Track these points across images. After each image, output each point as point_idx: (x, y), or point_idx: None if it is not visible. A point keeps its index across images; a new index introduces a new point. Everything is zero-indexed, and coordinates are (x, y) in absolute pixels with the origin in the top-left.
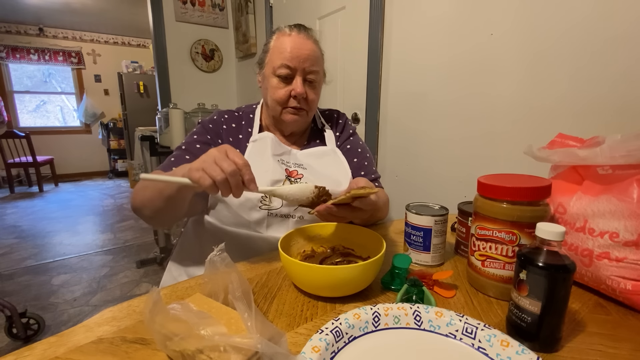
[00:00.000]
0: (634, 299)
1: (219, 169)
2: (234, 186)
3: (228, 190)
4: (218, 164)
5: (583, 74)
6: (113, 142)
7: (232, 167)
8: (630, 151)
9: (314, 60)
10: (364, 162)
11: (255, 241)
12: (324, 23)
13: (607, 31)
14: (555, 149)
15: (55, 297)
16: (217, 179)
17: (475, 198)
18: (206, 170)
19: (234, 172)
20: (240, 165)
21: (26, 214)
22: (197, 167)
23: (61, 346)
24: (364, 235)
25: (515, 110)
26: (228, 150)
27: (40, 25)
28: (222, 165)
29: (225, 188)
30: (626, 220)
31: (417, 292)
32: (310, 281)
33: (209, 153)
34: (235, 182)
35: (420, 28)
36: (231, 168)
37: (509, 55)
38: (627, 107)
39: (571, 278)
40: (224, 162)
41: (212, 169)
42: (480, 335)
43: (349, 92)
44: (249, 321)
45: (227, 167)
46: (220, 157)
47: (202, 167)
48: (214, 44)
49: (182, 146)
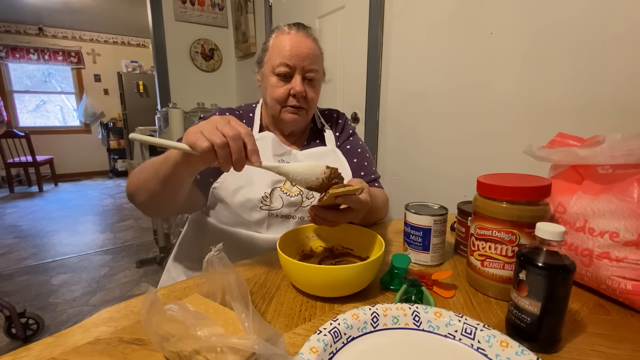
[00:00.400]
0: (634, 299)
1: (219, 132)
2: (235, 152)
3: (228, 160)
4: (219, 128)
5: (583, 73)
6: (113, 141)
7: (235, 131)
8: (630, 150)
9: (313, 59)
10: (364, 162)
11: (256, 241)
12: (324, 22)
13: (608, 30)
14: (555, 148)
15: (54, 297)
16: (216, 141)
17: (475, 198)
18: (204, 132)
19: (236, 136)
20: (244, 134)
21: (26, 214)
22: (195, 130)
23: (58, 347)
24: (363, 235)
25: (515, 110)
26: (231, 119)
27: (39, 25)
28: (224, 130)
29: (225, 155)
30: (626, 220)
31: (416, 292)
32: (308, 281)
33: (211, 119)
34: (237, 147)
35: (419, 27)
36: (233, 132)
37: (509, 55)
38: (628, 107)
39: (571, 278)
40: (225, 127)
41: (212, 132)
42: (480, 336)
43: (348, 91)
44: (246, 322)
45: (229, 131)
46: (223, 123)
47: (200, 130)
48: (214, 44)
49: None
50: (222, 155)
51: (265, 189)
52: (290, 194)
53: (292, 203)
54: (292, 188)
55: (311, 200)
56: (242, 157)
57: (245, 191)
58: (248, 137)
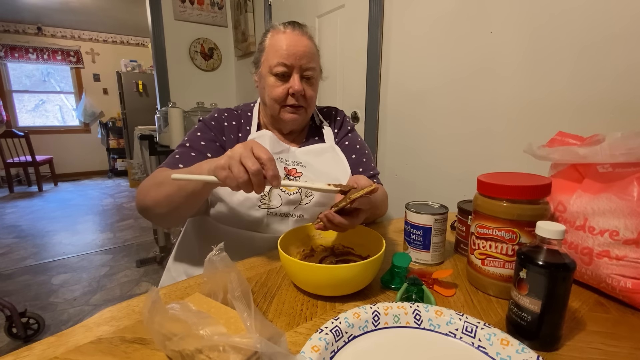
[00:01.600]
0: (634, 297)
1: (243, 168)
2: (256, 185)
3: (250, 189)
4: (243, 162)
5: (583, 71)
6: (112, 141)
7: (256, 165)
8: (630, 149)
9: (310, 57)
10: (363, 158)
11: (255, 240)
12: (323, 21)
13: (608, 28)
14: (555, 147)
15: (55, 297)
16: (239, 180)
17: (475, 196)
18: (232, 169)
19: (257, 171)
20: (265, 160)
21: (25, 214)
22: (223, 165)
23: (60, 346)
24: (364, 234)
25: (515, 109)
26: (254, 146)
27: (38, 24)
28: (247, 164)
29: (248, 188)
30: (626, 219)
31: (416, 291)
32: (309, 280)
33: (235, 149)
34: (258, 181)
35: (419, 26)
36: (255, 167)
37: (509, 53)
38: (628, 105)
39: (571, 277)
40: (248, 161)
41: (237, 168)
42: (480, 334)
43: (348, 90)
44: (248, 321)
45: (252, 165)
46: (246, 155)
47: (228, 165)
48: (213, 43)
49: (186, 143)
50: (245, 188)
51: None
52: (289, 192)
53: (290, 201)
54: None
55: (310, 197)
56: (262, 185)
57: None
58: (269, 163)
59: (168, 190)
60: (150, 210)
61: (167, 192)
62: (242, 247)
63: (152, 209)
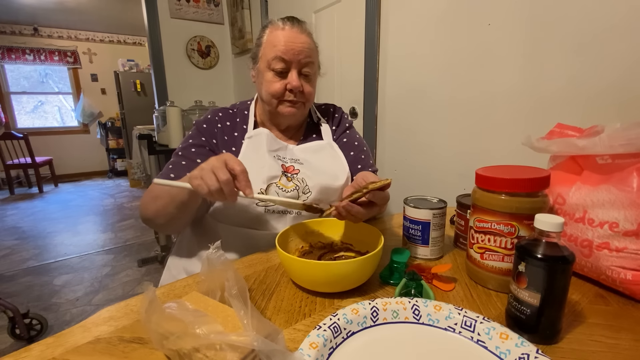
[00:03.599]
0: (634, 289)
1: (214, 178)
2: (228, 194)
3: (222, 197)
4: (215, 172)
5: (582, 63)
6: (112, 141)
7: (227, 176)
8: (629, 140)
9: (309, 53)
10: (361, 155)
11: (254, 238)
12: (320, 17)
13: (605, 19)
14: (554, 139)
15: (57, 297)
16: (211, 188)
17: (474, 190)
18: (204, 178)
19: (228, 181)
20: (237, 172)
21: (26, 215)
22: (196, 175)
23: (59, 347)
24: (362, 230)
25: (513, 101)
26: (227, 160)
27: (34, 25)
28: (218, 174)
29: (220, 195)
30: (626, 210)
31: (415, 285)
32: (308, 277)
33: (209, 162)
34: (229, 190)
35: (417, 20)
36: (225, 177)
37: (507, 46)
38: (627, 95)
39: (570, 269)
40: (219, 171)
41: (209, 177)
42: (480, 328)
43: (346, 86)
44: (245, 319)
45: (222, 175)
46: (218, 166)
47: (200, 175)
48: (210, 41)
49: (179, 152)
50: (217, 196)
51: (261, 185)
52: (286, 190)
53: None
54: (287, 183)
55: (307, 195)
56: (234, 194)
57: None
58: (241, 175)
59: (163, 203)
60: (152, 221)
61: (162, 204)
62: (240, 245)
63: (153, 220)
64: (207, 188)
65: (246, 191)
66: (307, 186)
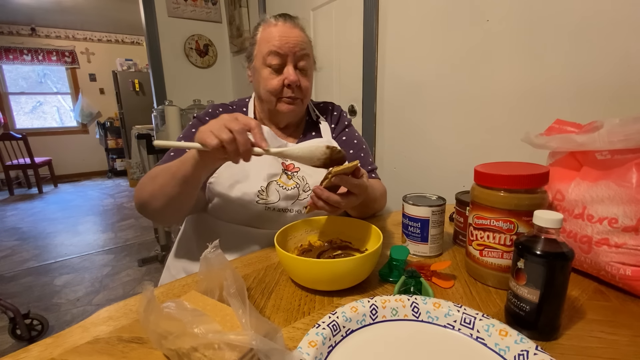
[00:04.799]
0: (633, 284)
1: (226, 129)
2: (242, 145)
3: (237, 153)
4: (227, 125)
5: (581, 59)
6: (111, 141)
7: (240, 126)
8: (628, 135)
9: (303, 46)
10: (360, 153)
11: (253, 236)
12: (318, 14)
13: (603, 14)
14: (553, 135)
15: (58, 298)
16: (224, 138)
17: (473, 187)
18: (214, 131)
19: (242, 130)
20: (252, 125)
21: (26, 216)
22: (205, 128)
23: (57, 347)
24: (361, 228)
25: (512, 98)
26: (238, 115)
27: (32, 25)
28: (230, 125)
29: (234, 149)
30: (625, 206)
31: (415, 283)
32: (307, 275)
33: (220, 117)
34: (243, 140)
35: (415, 16)
36: (238, 126)
37: (506, 42)
38: (625, 91)
39: (569, 266)
40: (232, 123)
41: (220, 129)
42: (479, 325)
43: (345, 84)
44: (243, 318)
45: (235, 126)
46: (230, 119)
47: (209, 129)
48: (208, 39)
49: (181, 139)
50: (231, 149)
51: (262, 183)
52: (286, 188)
53: (288, 196)
54: (288, 181)
55: (307, 193)
56: (249, 148)
57: (241, 186)
58: (256, 129)
59: (162, 181)
60: (147, 204)
61: (161, 182)
62: (240, 243)
63: (149, 203)
64: (218, 139)
65: (262, 144)
66: (308, 184)
